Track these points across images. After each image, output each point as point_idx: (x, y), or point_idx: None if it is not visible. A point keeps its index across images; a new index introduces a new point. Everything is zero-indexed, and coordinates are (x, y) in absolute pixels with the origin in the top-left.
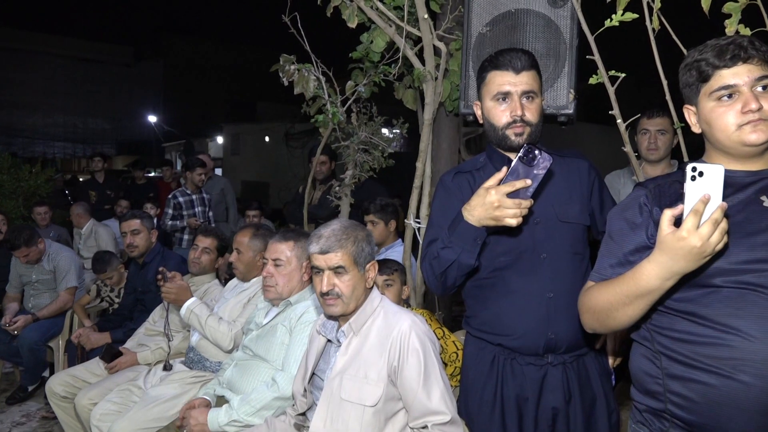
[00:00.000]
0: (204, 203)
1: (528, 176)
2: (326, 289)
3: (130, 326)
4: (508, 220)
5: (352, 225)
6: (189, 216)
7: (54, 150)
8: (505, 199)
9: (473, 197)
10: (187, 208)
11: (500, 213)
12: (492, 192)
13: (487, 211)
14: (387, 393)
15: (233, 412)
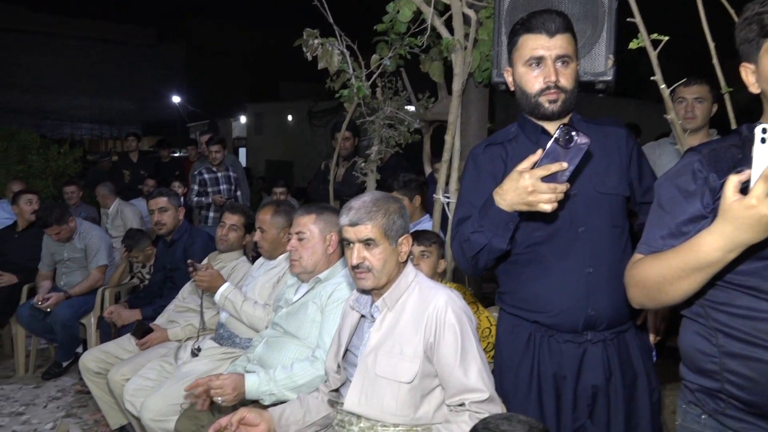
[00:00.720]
0: (230, 181)
1: (564, 159)
2: (356, 261)
3: (160, 303)
4: (543, 206)
5: (384, 197)
6: (213, 193)
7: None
8: (539, 184)
9: (505, 181)
10: (212, 185)
11: (534, 198)
12: (525, 176)
13: (520, 196)
14: (423, 369)
15: (273, 382)
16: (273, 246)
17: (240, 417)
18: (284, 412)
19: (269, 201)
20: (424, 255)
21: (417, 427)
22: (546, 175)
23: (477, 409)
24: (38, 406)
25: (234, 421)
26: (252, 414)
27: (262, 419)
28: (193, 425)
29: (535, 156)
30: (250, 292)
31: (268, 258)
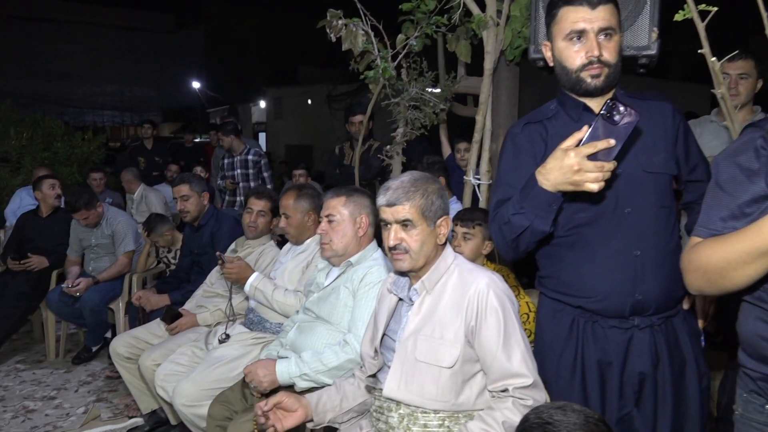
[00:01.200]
0: (246, 165)
1: (611, 135)
2: (393, 243)
3: (188, 288)
4: (589, 185)
5: (422, 177)
6: (226, 177)
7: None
8: (585, 162)
9: (549, 160)
10: (228, 170)
11: (580, 177)
12: (571, 154)
13: (565, 176)
14: (464, 354)
15: (304, 365)
16: (299, 231)
17: (277, 401)
18: (321, 398)
19: (291, 186)
20: (467, 237)
21: (458, 413)
22: (592, 153)
23: (521, 395)
24: (69, 391)
25: (270, 404)
26: (289, 399)
27: (299, 405)
28: (226, 410)
29: (580, 133)
30: (279, 278)
31: (295, 243)
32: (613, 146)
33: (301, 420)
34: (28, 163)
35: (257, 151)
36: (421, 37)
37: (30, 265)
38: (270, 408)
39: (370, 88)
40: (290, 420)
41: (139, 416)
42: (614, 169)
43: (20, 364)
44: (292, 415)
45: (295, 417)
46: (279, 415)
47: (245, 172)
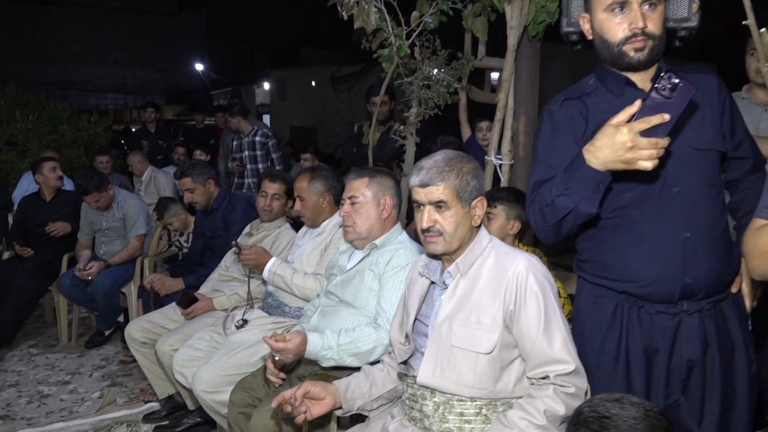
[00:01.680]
0: (254, 146)
1: (666, 110)
2: (426, 225)
3: (202, 272)
4: (642, 164)
5: (457, 156)
6: (235, 159)
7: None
8: (639, 139)
9: (598, 136)
10: (236, 151)
11: (633, 155)
12: (623, 130)
13: (617, 153)
14: (502, 340)
15: (337, 346)
16: (314, 213)
17: (305, 390)
18: (350, 385)
19: (304, 168)
20: (489, 217)
21: (496, 401)
22: (646, 128)
23: (562, 383)
24: (84, 375)
25: (299, 395)
26: (317, 387)
27: (327, 392)
28: (249, 397)
29: (632, 107)
30: (297, 261)
31: (311, 226)
32: (667, 121)
33: (330, 408)
34: (35, 146)
35: (265, 133)
36: (436, 14)
37: (55, 231)
38: (300, 400)
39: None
40: (318, 408)
41: (155, 401)
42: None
43: (33, 349)
44: (320, 402)
45: (323, 405)
46: (307, 404)
47: (253, 153)
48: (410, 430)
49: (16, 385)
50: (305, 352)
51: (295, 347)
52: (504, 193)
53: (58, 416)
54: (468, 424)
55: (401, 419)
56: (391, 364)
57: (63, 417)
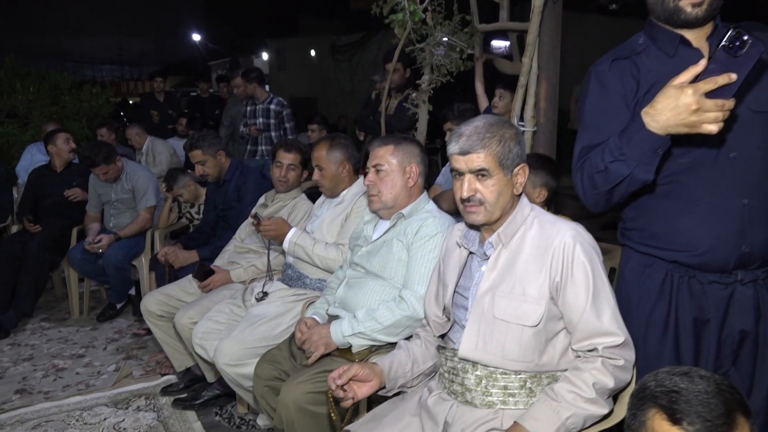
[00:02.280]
0: (268, 114)
1: (732, 69)
2: (467, 194)
3: (217, 244)
4: (708, 127)
5: (498, 122)
6: (250, 125)
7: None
8: (704, 101)
9: (659, 98)
10: (250, 117)
11: (697, 118)
12: (688, 91)
13: (680, 116)
14: (548, 312)
15: (358, 324)
16: (334, 183)
17: (352, 374)
18: (393, 365)
19: (323, 137)
20: None
21: (541, 373)
22: (712, 89)
23: (611, 355)
24: (98, 348)
25: (346, 377)
26: (365, 370)
27: (374, 374)
28: (275, 370)
29: (697, 67)
30: (317, 232)
31: (329, 196)
32: (734, 81)
33: (376, 389)
34: (36, 118)
35: (280, 101)
36: None
37: (74, 196)
38: (345, 381)
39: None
40: (364, 389)
41: (172, 374)
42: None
43: (45, 323)
44: (366, 384)
45: (370, 386)
46: (353, 386)
47: (267, 121)
48: (450, 403)
49: (30, 359)
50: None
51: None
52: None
53: (75, 389)
54: (512, 398)
55: (440, 393)
56: (428, 338)
57: (80, 390)
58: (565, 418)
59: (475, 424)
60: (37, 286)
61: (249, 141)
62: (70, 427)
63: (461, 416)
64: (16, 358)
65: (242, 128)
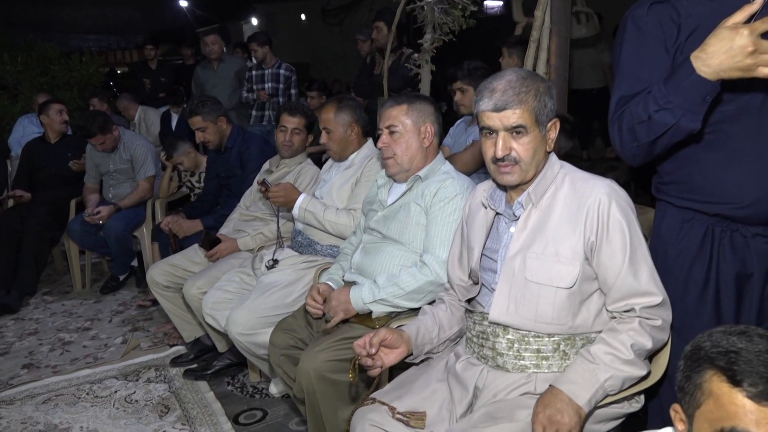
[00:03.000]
0: (278, 79)
1: None
2: (502, 153)
3: (221, 212)
4: (764, 70)
5: (530, 75)
6: (258, 89)
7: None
8: (761, 42)
9: (711, 41)
10: (257, 82)
11: (753, 61)
12: (744, 32)
13: (734, 59)
14: (583, 272)
15: (379, 290)
16: (342, 146)
17: (381, 339)
18: (419, 330)
19: (330, 99)
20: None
21: (575, 336)
22: None
23: (649, 315)
24: (103, 321)
25: (375, 343)
26: (393, 336)
27: (402, 341)
28: (291, 339)
29: (753, 5)
30: (327, 197)
31: (338, 160)
32: None
33: (403, 356)
34: (26, 89)
35: (288, 66)
36: None
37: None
38: (376, 349)
39: None
40: (392, 356)
41: (181, 344)
42: None
43: (48, 296)
44: (394, 351)
45: (398, 353)
46: (380, 353)
47: (276, 86)
48: (480, 368)
49: (35, 333)
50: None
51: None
52: None
53: (83, 363)
54: (545, 361)
55: (468, 358)
56: (453, 303)
57: (88, 363)
58: (604, 380)
59: (507, 388)
60: (39, 263)
61: (255, 106)
62: (81, 400)
63: (493, 381)
64: (21, 333)
65: (246, 93)
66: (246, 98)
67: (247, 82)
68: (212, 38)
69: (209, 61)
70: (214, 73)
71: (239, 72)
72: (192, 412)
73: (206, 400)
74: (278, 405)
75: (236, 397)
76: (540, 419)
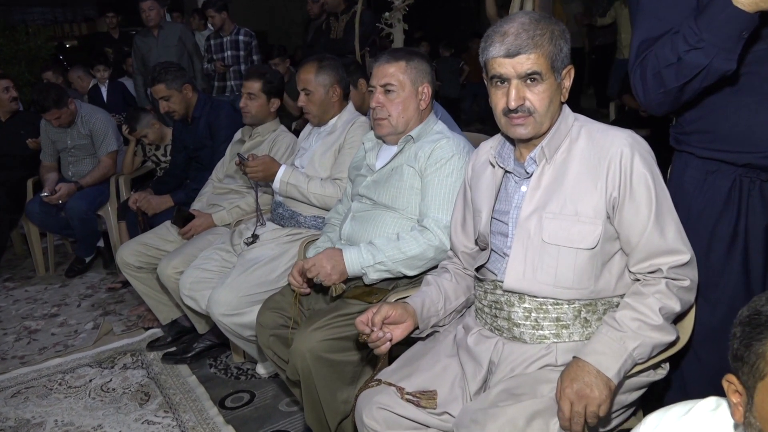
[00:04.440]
0: (237, 46)
1: None
2: (515, 104)
3: (192, 186)
4: None
5: (543, 17)
6: (217, 60)
7: (33, 17)
8: None
9: None
10: (216, 52)
11: None
12: None
13: None
14: (605, 232)
15: (378, 252)
16: (323, 109)
17: (383, 316)
18: (424, 303)
19: (310, 58)
20: None
21: (596, 301)
22: None
23: (676, 275)
24: (71, 306)
25: (377, 321)
26: (398, 310)
27: (407, 314)
28: (280, 317)
29: None
30: (308, 167)
31: (317, 124)
32: None
33: (409, 330)
34: None
35: (248, 31)
36: None
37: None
38: (379, 326)
39: None
40: (398, 332)
41: (157, 327)
42: None
43: (9, 282)
44: (400, 326)
45: (404, 327)
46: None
47: (236, 53)
48: (494, 341)
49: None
50: (347, 269)
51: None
52: None
53: (53, 352)
54: (566, 329)
55: (479, 330)
56: (458, 271)
57: (59, 352)
58: (632, 348)
59: (526, 361)
60: None
61: (215, 77)
62: (53, 392)
63: (509, 354)
64: None
65: (206, 65)
66: (206, 69)
67: (206, 53)
68: (148, 3)
69: (148, 30)
70: (155, 42)
71: (183, 38)
72: (174, 399)
73: (188, 385)
74: (266, 386)
75: (220, 379)
76: (567, 394)
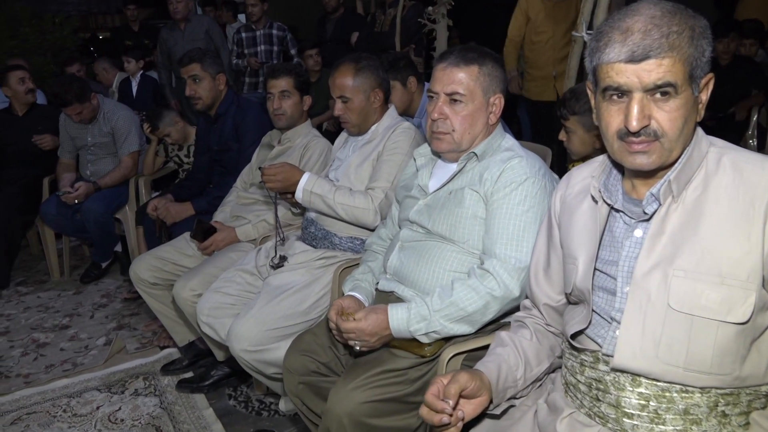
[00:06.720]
0: (271, 41)
1: None
2: (637, 125)
3: (215, 193)
4: None
5: (678, 9)
6: (250, 55)
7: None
8: None
9: None
10: (249, 46)
11: None
12: None
13: None
14: (759, 299)
15: (432, 317)
16: (362, 116)
17: (461, 387)
18: (501, 371)
19: (344, 59)
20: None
21: (740, 390)
22: None
23: None
24: (84, 317)
25: (452, 394)
26: (474, 383)
27: (483, 388)
28: (311, 362)
29: None
30: (344, 179)
31: (356, 133)
32: None
33: (483, 407)
34: None
35: (281, 25)
36: None
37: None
38: (455, 401)
39: None
40: (469, 408)
41: (173, 346)
42: None
43: (21, 287)
44: (472, 402)
45: (479, 403)
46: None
47: (269, 48)
48: (596, 430)
49: (6, 333)
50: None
51: (373, 327)
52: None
53: (60, 370)
54: (696, 426)
55: (573, 413)
56: (540, 328)
57: (66, 371)
58: None
59: None
60: (11, 253)
61: (247, 73)
62: (57, 419)
63: None
64: None
65: (236, 60)
66: (236, 65)
67: (237, 47)
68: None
69: (175, 23)
70: (181, 35)
71: (210, 31)
72: None
73: (205, 420)
74: (290, 427)
75: (240, 414)
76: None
